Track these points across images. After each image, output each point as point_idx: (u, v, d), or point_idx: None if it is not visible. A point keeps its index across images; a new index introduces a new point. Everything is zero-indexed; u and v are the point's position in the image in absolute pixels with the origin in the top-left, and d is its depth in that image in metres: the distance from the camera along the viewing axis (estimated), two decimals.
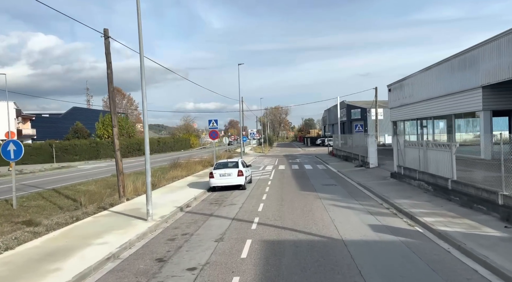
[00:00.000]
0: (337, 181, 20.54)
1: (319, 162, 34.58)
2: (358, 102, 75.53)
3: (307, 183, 19.88)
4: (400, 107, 38.29)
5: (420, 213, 11.00)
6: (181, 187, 19.10)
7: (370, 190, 16.32)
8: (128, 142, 56.01)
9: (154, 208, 13.15)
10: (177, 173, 23.67)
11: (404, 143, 18.94)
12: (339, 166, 28.60)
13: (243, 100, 59.55)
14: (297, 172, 26.11)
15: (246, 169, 18.93)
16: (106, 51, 14.65)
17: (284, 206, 13.36)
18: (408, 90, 35.74)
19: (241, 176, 17.68)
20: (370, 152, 25.60)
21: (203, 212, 13.17)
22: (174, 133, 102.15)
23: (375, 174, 21.98)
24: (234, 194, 17.04)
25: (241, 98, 60.74)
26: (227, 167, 18.19)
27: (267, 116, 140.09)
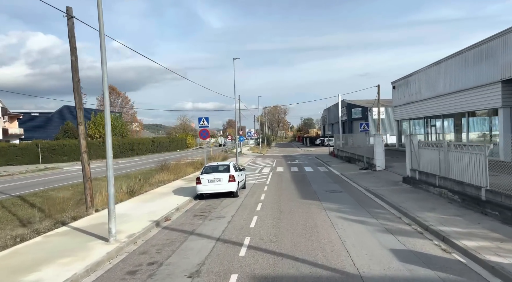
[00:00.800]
0: (342, 186, 18.17)
1: (320, 164, 32.20)
2: (359, 101, 73.16)
3: (308, 189, 17.51)
4: (405, 105, 35.99)
5: (454, 233, 8.64)
6: (165, 194, 16.70)
7: (382, 198, 13.95)
8: (120, 142, 53.57)
9: (125, 222, 10.78)
10: (164, 176, 21.30)
11: (419, 144, 16.58)
12: (342, 168, 26.23)
13: (240, 99, 57.15)
14: (297, 175, 23.73)
15: (239, 173, 16.56)
16: (69, 33, 12.25)
17: (282, 220, 10.98)
18: (415, 87, 33.42)
19: (232, 181, 15.30)
20: (377, 153, 23.24)
21: (183, 228, 10.78)
22: (170, 133, 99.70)
23: (384, 178, 19.62)
24: (224, 202, 14.66)
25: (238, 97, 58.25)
26: (217, 171, 15.81)
27: (266, 115, 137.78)
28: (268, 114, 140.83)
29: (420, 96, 32.03)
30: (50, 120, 58.68)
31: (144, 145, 60.43)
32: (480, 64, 22.60)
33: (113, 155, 38.92)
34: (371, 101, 72.32)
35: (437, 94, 28.54)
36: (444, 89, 27.45)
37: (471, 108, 24.22)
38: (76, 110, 12.83)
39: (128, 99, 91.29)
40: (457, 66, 25.55)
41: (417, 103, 32.78)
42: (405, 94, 35.83)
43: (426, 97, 30.61)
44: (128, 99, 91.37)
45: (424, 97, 31.17)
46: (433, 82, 29.46)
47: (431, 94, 29.72)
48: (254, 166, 32.44)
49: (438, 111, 28.87)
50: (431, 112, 30.26)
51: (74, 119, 51.59)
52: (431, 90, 29.68)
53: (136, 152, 57.11)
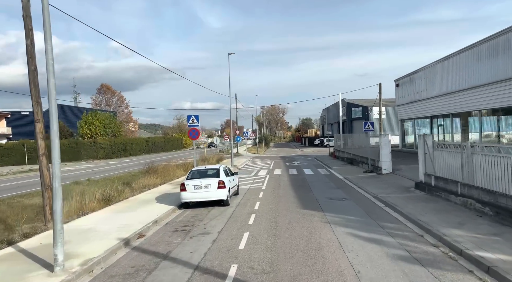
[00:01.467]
0: (346, 192, 16.16)
1: (320, 165, 30.19)
2: (359, 101, 71.26)
3: (309, 195, 15.50)
4: (409, 104, 34.03)
5: (501, 262, 6.65)
6: (146, 202, 14.66)
7: (394, 209, 11.95)
8: (112, 142, 51.46)
9: (87, 241, 8.77)
10: (150, 180, 19.26)
11: (434, 145, 14.59)
12: (345, 171, 24.23)
13: (236, 98, 55.23)
14: (296, 178, 21.72)
15: (230, 178, 14.53)
16: (24, 13, 10.19)
17: (278, 239, 8.97)
18: (420, 84, 31.46)
19: (222, 188, 13.27)
20: (383, 155, 21.26)
21: (157, 249, 8.75)
22: (167, 133, 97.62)
23: (393, 182, 17.62)
24: (213, 213, 12.63)
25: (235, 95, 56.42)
26: (205, 176, 13.78)
27: (264, 115, 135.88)
28: (266, 114, 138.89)
29: (426, 94, 30.07)
30: None
31: (138, 145, 58.36)
32: (495, 59, 20.63)
33: (105, 155, 36.72)
34: (371, 100, 70.43)
35: (446, 92, 26.58)
36: (453, 87, 25.48)
37: (486, 106, 22.24)
38: (32, 105, 10.79)
39: (123, 98, 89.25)
40: (469, 62, 23.58)
41: (423, 101, 30.82)
42: (410, 92, 33.87)
43: (433, 95, 28.65)
44: (123, 99, 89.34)
45: (430, 95, 29.21)
46: (441, 79, 27.50)
47: (438, 92, 27.76)
48: (250, 167, 30.43)
49: (447, 110, 26.91)
50: (438, 111, 28.30)
51: (66, 118, 49.39)
52: (439, 87, 27.72)
53: (129, 152, 55.03)
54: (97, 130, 52.80)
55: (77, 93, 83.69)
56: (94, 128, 52.62)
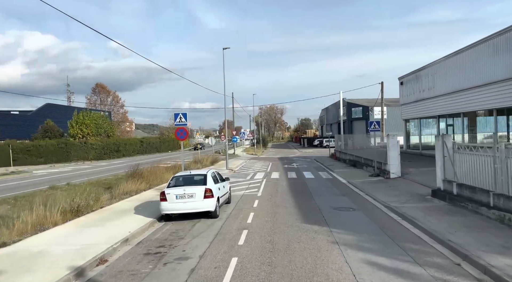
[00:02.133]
0: (353, 200, 14.16)
1: (321, 168, 28.19)
2: (359, 101, 69.38)
3: (311, 204, 13.49)
4: (415, 103, 32.07)
5: None
6: (123, 212, 12.62)
7: (414, 223, 9.95)
8: (104, 143, 49.37)
9: (28, 271, 6.81)
10: (133, 185, 17.21)
11: (454, 147, 12.62)
12: (348, 175, 22.23)
13: (233, 97, 53.17)
14: (295, 183, 19.71)
15: (220, 185, 12.51)
16: None
17: (275, 269, 6.95)
18: (427, 82, 29.50)
19: (209, 197, 11.24)
20: (391, 157, 19.27)
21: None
22: (163, 133, 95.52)
23: (404, 189, 15.61)
24: (197, 228, 10.61)
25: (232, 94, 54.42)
26: (189, 183, 11.76)
27: (262, 116, 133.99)
28: (264, 115, 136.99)
29: (434, 92, 28.12)
30: (30, 119, 54.41)
31: (131, 146, 56.26)
32: None
33: (96, 156, 34.45)
34: (372, 100, 68.51)
35: (456, 89, 24.63)
36: (465, 83, 23.52)
37: (503, 104, 20.28)
38: None
39: (118, 98, 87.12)
40: (483, 56, 21.63)
41: (430, 100, 28.87)
42: (415, 90, 31.92)
43: (442, 93, 26.70)
44: (118, 98, 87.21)
45: (439, 93, 27.26)
46: (451, 75, 25.55)
47: (448, 89, 25.81)
48: (246, 170, 28.40)
49: (457, 109, 24.97)
50: (447, 109, 26.36)
51: (56, 117, 47.30)
52: (449, 84, 25.77)
53: (122, 153, 52.94)
54: (88, 130, 50.71)
55: (71, 93, 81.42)
56: (86, 128, 50.51)
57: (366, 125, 65.15)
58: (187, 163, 29.63)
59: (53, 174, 31.23)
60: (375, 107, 61.60)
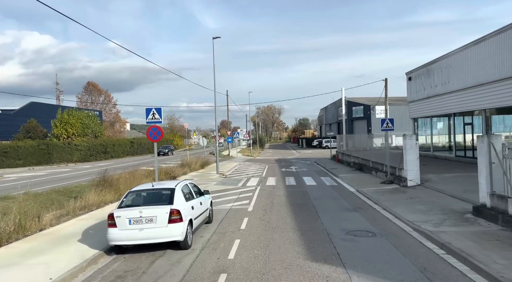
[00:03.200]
0: (369, 218, 10.96)
1: (323, 172, 25.01)
2: (360, 99, 66.25)
3: (316, 225, 10.28)
4: (425, 99, 28.90)
5: None
6: (66, 238, 9.36)
7: (473, 265, 6.73)
8: (90, 143, 46.03)
9: None
10: (97, 197, 13.97)
11: (504, 150, 9.45)
12: (356, 181, 19.03)
13: (228, 95, 50.02)
14: (295, 192, 16.49)
15: (195, 203, 9.26)
16: None
17: None
18: (441, 76, 26.34)
19: (176, 222, 7.98)
20: (408, 162, 16.07)
21: None
22: None
23: (431, 202, 12.42)
24: (156, 267, 7.36)
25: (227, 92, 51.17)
26: (150, 202, 8.52)
27: (259, 116, 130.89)
28: (262, 114, 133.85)
29: (449, 87, 24.98)
30: (12, 118, 51.07)
31: (121, 147, 52.89)
32: None
33: (81, 158, 30.05)
34: (373, 99, 65.35)
35: (476, 83, 21.49)
36: (487, 76, 20.38)
37: None
38: None
39: (110, 97, 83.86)
40: (509, 45, 18.51)
41: (444, 96, 25.72)
42: (426, 86, 28.77)
43: (459, 87, 23.55)
44: (110, 97, 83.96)
45: (455, 88, 24.10)
46: (470, 68, 22.40)
47: (466, 83, 22.67)
48: (239, 174, 25.18)
49: (477, 105, 21.83)
50: (465, 107, 23.22)
51: (41, 117, 43.29)
52: (467, 78, 22.63)
53: (110, 155, 49.59)
54: (74, 130, 47.37)
55: (60, 91, 77.87)
56: (71, 128, 47.16)
57: (368, 125, 62.16)
58: (172, 166, 26.43)
59: (25, 178, 27.88)
60: (377, 106, 58.57)
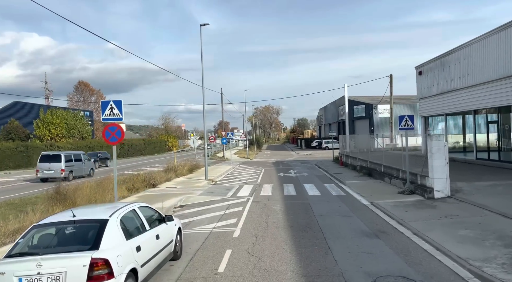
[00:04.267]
0: (399, 251, 7.78)
1: (327, 178, 21.84)
2: (361, 98, 63.10)
3: (326, 264, 7.08)
4: (439, 95, 25.72)
5: None
6: None
7: None
8: (75, 145, 42.73)
9: None
10: (42, 215, 10.76)
11: None
12: (367, 189, 15.85)
13: (222, 93, 46.92)
14: (295, 206, 13.28)
15: (140, 242, 5.85)
16: None
17: None
18: (458, 69, 23.20)
19: (101, 280, 4.79)
20: (435, 168, 12.92)
21: None
22: (152, 134, 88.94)
23: (478, 224, 9.22)
24: None
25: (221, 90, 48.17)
26: (60, 246, 5.26)
27: (257, 116, 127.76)
28: (260, 115, 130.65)
29: (468, 81, 21.85)
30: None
31: (110, 148, 49.52)
32: None
33: None
34: (375, 98, 62.25)
35: (505, 75, 18.38)
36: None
37: None
38: None
39: (103, 97, 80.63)
40: None
41: (462, 91, 22.58)
42: (440, 80, 25.63)
43: (481, 81, 20.43)
44: (103, 97, 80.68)
45: (476, 81, 20.99)
46: (495, 57, 19.28)
47: (490, 76, 19.55)
48: (231, 181, 21.98)
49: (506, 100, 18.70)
50: (489, 102, 20.10)
51: (24, 117, 39.28)
52: (491, 69, 19.50)
53: None
54: (58, 131, 44.08)
55: (49, 91, 74.48)
56: (54, 128, 43.88)
57: (370, 125, 59.02)
58: (156, 171, 23.23)
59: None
60: (379, 105, 55.47)
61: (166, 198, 15.28)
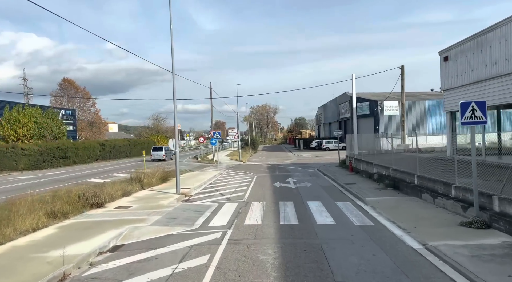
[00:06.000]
0: None
1: (337, 190, 16.35)
2: (365, 95, 57.64)
3: None
4: (473, 85, 20.32)
5: None
6: None
7: None
8: (43, 147, 37.04)
9: None
10: None
11: None
12: (404, 215, 10.35)
13: (211, 87, 41.57)
14: (298, 252, 7.75)
15: None
16: None
17: None
18: (504, 49, 17.90)
19: None
20: None
21: None
22: (141, 134, 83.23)
23: None
24: None
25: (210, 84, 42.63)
26: None
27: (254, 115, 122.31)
28: (256, 114, 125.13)
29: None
30: None
31: (87, 150, 43.83)
32: None
33: (31, 165, 20.90)
34: (379, 94, 56.71)
35: None
36: None
37: None
38: None
39: (89, 95, 74.95)
40: None
41: (502, 78, 17.20)
42: (475, 65, 20.18)
43: None
44: (89, 95, 75.06)
45: None
46: None
47: None
48: (210, 195, 16.46)
49: None
50: None
51: None
52: None
53: (72, 160, 40.60)
54: (25, 130, 38.43)
55: (28, 88, 68.69)
56: (21, 128, 38.25)
57: (375, 124, 53.54)
58: (118, 182, 17.71)
59: None
60: (385, 102, 50.11)
61: (99, 230, 9.80)
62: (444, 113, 53.32)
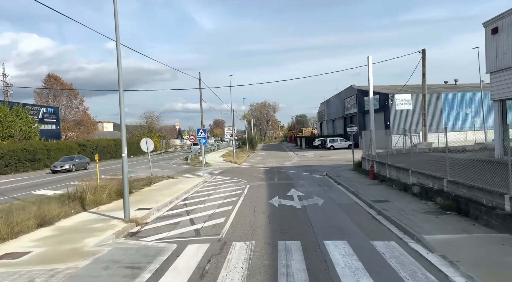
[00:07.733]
0: None
1: (366, 215, 10.72)
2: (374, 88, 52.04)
3: None
4: None
5: None
6: None
7: None
8: (6, 149, 31.55)
9: None
10: None
11: None
12: None
13: (200, 78, 36.09)
14: None
15: None
16: None
17: None
18: None
19: None
20: None
21: None
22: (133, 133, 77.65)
23: None
24: None
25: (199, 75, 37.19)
26: None
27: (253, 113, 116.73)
28: (255, 111, 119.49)
29: None
30: None
31: (62, 152, 38.25)
32: None
33: None
34: (389, 87, 50.94)
35: None
36: None
37: None
38: None
39: (76, 92, 69.41)
40: None
41: None
42: None
43: None
44: (76, 93, 69.54)
45: None
46: None
47: None
48: (173, 224, 10.91)
49: None
50: None
51: None
52: None
53: (43, 163, 35.11)
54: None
55: (8, 85, 63.13)
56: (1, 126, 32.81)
57: (385, 119, 47.76)
58: (58, 196, 12.19)
59: None
60: (397, 95, 44.46)
61: None
62: (463, 107, 46.26)
